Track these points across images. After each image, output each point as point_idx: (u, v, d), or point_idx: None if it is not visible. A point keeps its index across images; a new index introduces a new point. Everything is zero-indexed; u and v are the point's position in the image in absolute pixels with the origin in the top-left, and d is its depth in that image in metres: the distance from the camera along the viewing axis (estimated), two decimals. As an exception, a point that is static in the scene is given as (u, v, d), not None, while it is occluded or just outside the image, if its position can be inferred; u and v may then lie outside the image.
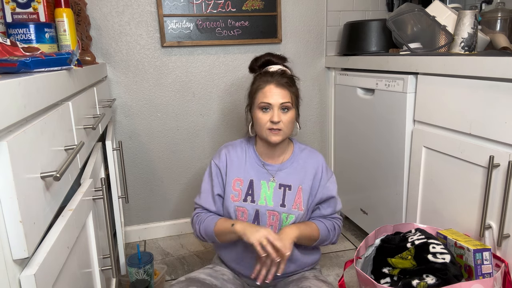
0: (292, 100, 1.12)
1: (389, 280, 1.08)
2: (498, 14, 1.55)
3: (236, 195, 1.17)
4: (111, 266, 0.96)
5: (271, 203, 1.16)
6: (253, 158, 1.20)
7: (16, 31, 0.98)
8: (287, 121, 1.11)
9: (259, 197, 1.16)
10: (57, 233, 0.61)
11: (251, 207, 1.16)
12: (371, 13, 2.08)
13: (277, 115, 1.10)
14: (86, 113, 0.98)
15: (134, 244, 1.97)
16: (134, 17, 1.77)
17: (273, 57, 1.21)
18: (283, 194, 1.17)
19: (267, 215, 1.16)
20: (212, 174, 1.21)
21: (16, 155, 0.48)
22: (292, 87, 1.14)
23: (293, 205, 1.16)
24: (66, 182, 0.71)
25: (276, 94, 1.10)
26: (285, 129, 1.12)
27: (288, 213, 1.15)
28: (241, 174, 1.18)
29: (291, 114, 1.12)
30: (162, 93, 1.88)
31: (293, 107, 1.13)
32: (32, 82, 0.55)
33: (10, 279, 0.47)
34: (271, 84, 1.11)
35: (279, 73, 1.14)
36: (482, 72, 1.06)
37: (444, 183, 1.26)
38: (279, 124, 1.10)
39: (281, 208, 1.16)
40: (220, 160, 1.21)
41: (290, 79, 1.15)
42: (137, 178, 1.95)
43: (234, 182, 1.18)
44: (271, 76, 1.13)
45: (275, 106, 1.10)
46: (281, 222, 1.16)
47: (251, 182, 1.18)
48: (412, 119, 1.41)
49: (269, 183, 1.18)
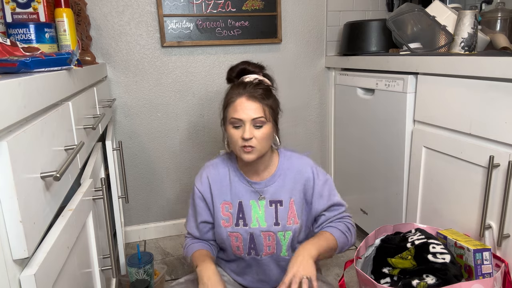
0: (266, 114, 1.01)
1: (389, 280, 1.08)
2: (498, 14, 1.55)
3: (227, 220, 1.10)
4: (111, 266, 0.96)
5: (264, 224, 1.09)
6: (238, 177, 1.11)
7: (16, 31, 0.98)
8: (260, 138, 1.00)
9: (250, 219, 1.09)
10: (57, 233, 0.61)
11: (244, 231, 1.09)
12: (371, 13, 2.08)
13: (248, 132, 0.99)
14: (86, 113, 0.98)
15: (134, 244, 1.97)
16: (134, 17, 1.77)
17: (249, 65, 1.10)
18: (275, 211, 1.09)
19: (262, 236, 1.09)
20: (195, 201, 1.13)
21: (16, 155, 0.48)
22: (267, 99, 1.03)
23: (288, 221, 1.09)
24: (66, 182, 0.71)
25: (247, 108, 0.99)
26: (258, 147, 1.01)
27: (284, 231, 1.09)
28: (228, 197, 1.11)
29: (266, 130, 1.01)
30: (162, 93, 1.88)
31: (269, 121, 1.02)
32: (32, 82, 0.55)
33: (10, 279, 0.47)
34: (242, 97, 1.01)
35: (253, 84, 1.03)
36: (482, 72, 1.06)
37: (444, 183, 1.26)
38: (251, 141, 0.99)
39: (275, 227, 1.09)
40: (202, 184, 1.12)
41: (265, 90, 1.04)
42: (137, 178, 1.95)
43: (222, 206, 1.11)
44: (243, 87, 1.02)
45: (247, 121, 0.99)
46: (278, 241, 1.09)
47: (240, 204, 1.10)
48: (412, 119, 1.41)
49: (259, 202, 1.10)
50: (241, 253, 1.12)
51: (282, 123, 2.05)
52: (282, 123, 2.05)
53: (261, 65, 1.12)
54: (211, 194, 1.11)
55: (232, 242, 1.10)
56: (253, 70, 1.10)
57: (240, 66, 1.10)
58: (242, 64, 1.10)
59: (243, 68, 1.10)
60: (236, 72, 1.10)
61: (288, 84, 2.04)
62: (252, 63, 1.11)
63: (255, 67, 1.10)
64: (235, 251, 1.12)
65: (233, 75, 1.11)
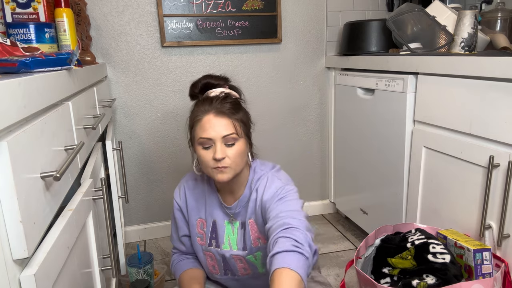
0: (237, 130, 0.94)
1: (389, 280, 1.08)
2: (498, 14, 1.55)
3: (201, 237, 1.08)
4: (111, 266, 0.96)
5: (235, 247, 1.05)
6: (213, 196, 1.06)
7: (16, 31, 0.98)
8: (234, 156, 0.93)
9: (223, 241, 1.06)
10: (57, 233, 0.60)
11: (216, 252, 1.07)
12: (371, 13, 2.08)
13: (220, 151, 0.91)
14: (86, 113, 0.98)
15: (134, 244, 1.97)
16: (134, 17, 1.77)
17: (212, 78, 1.02)
18: (243, 235, 1.04)
19: (233, 259, 1.06)
20: (175, 214, 1.11)
21: (16, 155, 0.48)
22: (237, 113, 0.96)
23: (254, 243, 1.03)
24: (66, 182, 0.71)
25: (216, 125, 0.92)
26: (233, 165, 0.94)
27: (252, 254, 1.04)
28: (203, 214, 1.08)
29: (239, 147, 0.94)
30: (162, 93, 1.88)
31: (241, 137, 0.95)
32: (32, 82, 0.55)
33: (10, 279, 0.47)
34: (209, 114, 0.93)
35: (220, 98, 0.96)
36: (482, 72, 1.06)
37: (444, 183, 1.26)
38: (224, 161, 0.92)
39: (243, 252, 1.04)
40: (180, 198, 1.10)
41: (233, 104, 0.96)
42: (137, 178, 1.95)
43: (198, 223, 1.09)
44: (209, 103, 0.94)
45: (217, 140, 0.92)
46: (251, 263, 1.05)
47: (214, 223, 1.06)
48: (412, 119, 1.41)
49: (233, 223, 1.05)
50: (217, 272, 1.10)
51: (283, 123, 2.06)
52: (283, 123, 2.06)
53: (225, 77, 1.05)
54: (186, 209, 1.09)
55: (207, 261, 1.09)
56: (217, 83, 1.02)
57: (202, 81, 1.02)
58: (204, 78, 1.03)
59: (206, 82, 1.02)
60: (200, 88, 1.02)
61: (288, 84, 2.04)
62: (215, 76, 1.03)
63: (219, 79, 1.03)
64: (211, 270, 1.10)
65: (196, 91, 1.03)
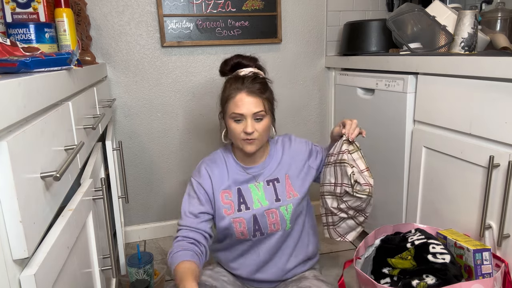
0: (265, 108, 1.06)
1: (389, 280, 1.08)
2: (498, 14, 1.55)
3: (229, 208, 1.13)
4: (111, 266, 0.96)
5: (265, 203, 1.14)
6: (234, 166, 1.16)
7: (16, 31, 0.98)
8: (261, 130, 1.06)
9: (252, 201, 1.14)
10: (57, 233, 0.60)
11: (247, 215, 1.13)
12: (371, 13, 2.08)
13: (250, 126, 1.04)
14: (86, 113, 0.98)
15: (134, 244, 1.97)
16: (134, 17, 1.77)
17: (243, 58, 1.13)
18: (273, 189, 1.15)
19: (265, 215, 1.13)
20: (196, 192, 1.14)
21: (16, 155, 0.48)
22: (265, 92, 1.08)
23: (287, 195, 1.15)
24: (66, 182, 0.71)
25: (248, 103, 1.04)
26: (260, 138, 1.07)
27: (285, 205, 1.14)
28: (227, 186, 1.14)
29: (265, 122, 1.07)
30: (162, 93, 1.88)
31: (268, 114, 1.08)
32: (32, 82, 0.55)
33: (10, 279, 0.47)
34: (242, 93, 1.05)
35: (250, 78, 1.07)
36: (482, 72, 1.06)
37: (444, 183, 1.26)
38: (253, 134, 1.05)
39: (277, 203, 1.14)
40: (201, 177, 1.15)
41: (262, 84, 1.08)
42: (137, 178, 1.95)
43: (222, 195, 1.14)
44: (241, 82, 1.06)
45: (248, 116, 1.04)
46: (282, 216, 1.14)
47: (239, 190, 1.14)
48: (412, 119, 1.41)
49: (257, 185, 1.15)
50: (246, 236, 1.14)
51: (283, 123, 2.06)
52: (283, 123, 2.06)
53: (254, 57, 1.15)
54: (211, 184, 1.14)
55: (236, 228, 1.13)
56: (247, 63, 1.12)
57: (234, 60, 1.13)
58: (236, 58, 1.13)
59: (238, 61, 1.12)
60: (230, 66, 1.13)
61: (288, 84, 2.04)
62: (246, 56, 1.14)
63: (249, 60, 1.13)
64: (239, 236, 1.14)
65: (227, 68, 1.14)
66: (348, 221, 1.10)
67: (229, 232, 1.14)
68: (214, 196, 1.14)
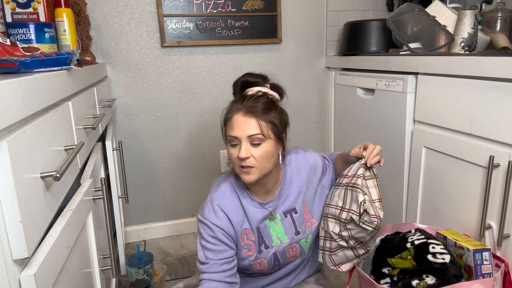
0: (265, 131, 0.92)
1: (389, 280, 1.08)
2: (498, 14, 1.55)
3: (249, 249, 1.04)
4: (111, 266, 0.96)
5: (285, 239, 1.06)
6: (249, 202, 1.02)
7: (16, 31, 0.98)
8: (259, 156, 0.92)
9: (271, 239, 1.05)
10: (57, 233, 0.61)
11: (267, 254, 1.05)
12: (371, 13, 2.08)
13: (244, 151, 0.91)
14: (86, 113, 0.98)
15: (134, 244, 1.97)
16: (134, 17, 1.77)
17: (251, 76, 1.02)
18: (292, 221, 1.06)
19: (285, 252, 1.07)
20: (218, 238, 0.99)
21: (16, 155, 0.48)
22: (267, 114, 0.94)
23: (306, 225, 1.07)
24: (66, 182, 0.71)
25: (243, 124, 0.92)
26: (258, 166, 0.93)
27: (305, 237, 1.08)
28: (247, 225, 1.02)
29: (266, 148, 0.93)
30: (162, 93, 1.88)
31: (269, 138, 0.93)
32: (32, 82, 0.55)
33: (10, 279, 0.47)
34: (238, 113, 0.93)
35: (253, 97, 0.95)
36: (482, 72, 1.06)
37: (444, 183, 1.26)
38: (248, 160, 0.92)
39: (297, 237, 1.06)
40: (220, 219, 0.99)
41: (265, 103, 0.95)
42: (137, 178, 1.95)
43: (243, 235, 1.03)
44: (241, 102, 0.95)
45: (243, 139, 0.92)
46: (302, 248, 1.09)
47: (258, 229, 1.04)
48: (412, 119, 1.41)
49: (274, 220, 1.05)
50: (264, 271, 1.10)
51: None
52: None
53: (263, 75, 1.04)
54: (232, 227, 1.00)
55: (255, 267, 1.07)
56: (254, 81, 1.01)
57: (241, 79, 1.03)
58: (243, 76, 1.03)
59: (244, 80, 1.02)
60: (240, 86, 1.03)
61: (288, 84, 2.04)
62: (254, 74, 1.03)
63: (256, 77, 1.02)
64: (257, 272, 1.10)
65: (237, 89, 1.04)
66: (347, 251, 1.02)
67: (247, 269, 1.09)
68: (236, 237, 1.02)
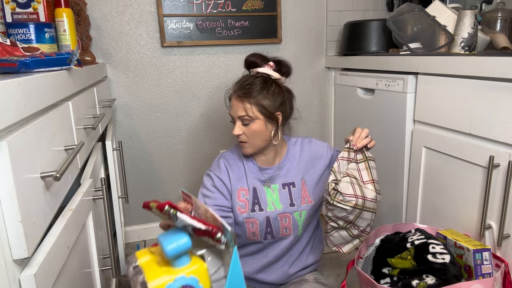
0: (250, 113, 1.04)
1: (389, 280, 1.08)
2: (498, 14, 1.55)
3: (243, 206, 1.12)
4: (111, 266, 0.96)
5: (280, 206, 1.13)
6: (252, 166, 1.15)
7: (16, 31, 0.98)
8: (250, 134, 1.06)
9: (266, 203, 1.13)
10: (57, 233, 0.61)
11: (260, 216, 1.12)
12: (371, 13, 2.08)
13: (236, 128, 1.07)
14: (86, 113, 0.98)
15: (134, 244, 1.97)
16: (134, 17, 1.77)
17: (256, 57, 1.13)
18: (289, 193, 1.14)
19: (278, 219, 1.13)
20: (217, 186, 1.12)
21: (16, 155, 0.48)
22: (256, 97, 1.05)
23: (302, 201, 1.14)
24: (66, 182, 0.71)
25: (235, 107, 1.07)
26: (250, 142, 1.07)
27: (299, 211, 1.13)
28: (244, 183, 1.13)
29: (254, 126, 1.05)
30: (162, 93, 1.88)
31: (257, 118, 1.05)
32: (32, 82, 0.55)
33: (10, 279, 0.47)
34: (234, 96, 1.09)
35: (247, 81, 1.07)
36: (482, 72, 1.06)
37: (444, 183, 1.26)
38: (241, 137, 1.07)
39: (291, 208, 1.13)
40: (221, 171, 1.13)
41: (254, 86, 1.06)
42: (137, 178, 1.95)
43: (239, 192, 1.13)
44: (238, 85, 1.09)
45: (236, 119, 1.08)
46: (295, 221, 1.14)
47: (255, 189, 1.13)
48: (412, 119, 1.41)
49: (272, 187, 1.14)
50: (257, 238, 1.14)
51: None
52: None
53: (263, 55, 1.13)
54: (229, 180, 1.13)
55: (248, 228, 1.12)
56: (259, 63, 1.12)
57: (249, 59, 1.14)
58: (251, 57, 1.13)
59: (252, 61, 1.13)
60: (247, 66, 1.15)
61: (288, 84, 2.03)
62: (259, 55, 1.13)
63: (260, 59, 1.12)
64: (250, 237, 1.14)
65: (246, 67, 1.16)
66: (341, 231, 1.07)
67: (240, 230, 1.14)
68: (232, 191, 1.13)
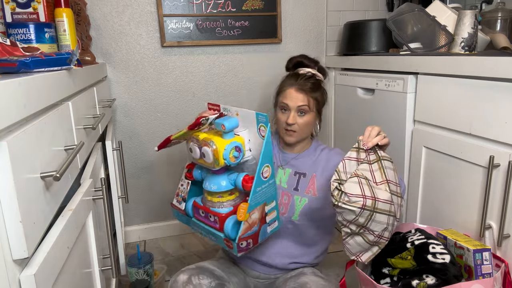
0: (310, 104, 1.15)
1: (389, 281, 1.08)
2: (498, 14, 1.55)
3: None
4: (111, 266, 0.96)
5: (285, 185, 1.20)
6: (276, 144, 1.26)
7: (16, 31, 0.98)
8: (302, 124, 1.16)
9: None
10: (57, 233, 0.60)
11: None
12: (371, 13, 2.08)
13: (292, 117, 1.14)
14: (86, 113, 0.98)
15: (134, 244, 1.97)
16: (134, 17, 1.77)
17: (305, 59, 1.24)
18: (297, 180, 1.20)
19: (280, 194, 1.19)
20: None
21: (16, 155, 0.48)
22: (315, 92, 1.17)
23: (306, 190, 1.18)
24: (66, 182, 0.71)
25: (295, 97, 1.15)
26: (299, 131, 1.16)
27: (301, 197, 1.18)
28: None
29: (308, 118, 1.16)
30: (162, 93, 1.88)
31: (312, 111, 1.16)
32: (32, 82, 0.55)
33: (10, 279, 0.47)
34: (292, 88, 1.16)
35: (305, 77, 1.17)
36: (482, 72, 1.06)
37: (444, 183, 1.26)
38: (293, 126, 1.15)
39: (294, 191, 1.19)
40: None
41: (314, 84, 1.17)
42: (137, 178, 1.95)
43: None
44: (296, 79, 1.17)
45: (292, 108, 1.15)
46: (293, 204, 1.17)
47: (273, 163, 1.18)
48: (412, 119, 1.41)
49: (285, 169, 1.22)
50: None
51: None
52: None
53: (316, 60, 1.26)
54: None
55: None
56: (308, 64, 1.23)
57: (297, 59, 1.25)
58: (299, 57, 1.25)
59: (300, 61, 1.24)
60: (293, 63, 1.25)
61: (288, 84, 2.04)
62: (309, 58, 1.25)
63: (310, 61, 1.24)
64: None
65: (290, 65, 1.26)
66: (356, 237, 1.00)
67: None
68: None
